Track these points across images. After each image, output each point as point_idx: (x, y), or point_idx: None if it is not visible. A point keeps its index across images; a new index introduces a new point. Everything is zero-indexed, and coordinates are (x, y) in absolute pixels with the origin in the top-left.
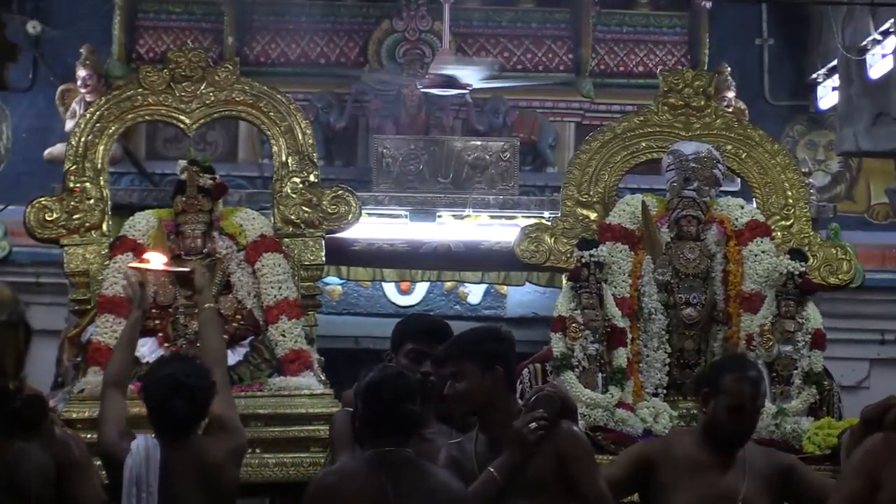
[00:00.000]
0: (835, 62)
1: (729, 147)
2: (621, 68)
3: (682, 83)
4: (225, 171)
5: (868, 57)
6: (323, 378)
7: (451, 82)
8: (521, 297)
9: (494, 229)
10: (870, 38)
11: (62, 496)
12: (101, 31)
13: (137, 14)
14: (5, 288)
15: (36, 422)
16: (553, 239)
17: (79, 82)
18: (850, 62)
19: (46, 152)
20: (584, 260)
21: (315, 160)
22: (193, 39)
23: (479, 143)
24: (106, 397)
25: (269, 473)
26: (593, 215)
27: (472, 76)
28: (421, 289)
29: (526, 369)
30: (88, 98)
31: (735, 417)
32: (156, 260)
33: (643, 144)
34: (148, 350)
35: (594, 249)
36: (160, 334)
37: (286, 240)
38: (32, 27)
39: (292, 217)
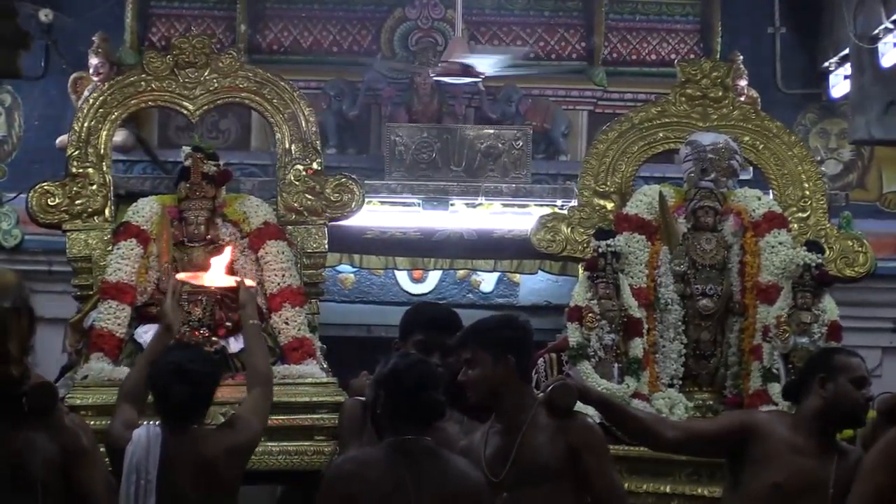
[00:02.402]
0: (847, 51)
1: (746, 138)
2: (634, 56)
3: (699, 74)
4: (237, 159)
5: (880, 45)
6: (325, 366)
7: (465, 70)
8: (534, 285)
9: (507, 217)
10: (882, 27)
11: (70, 484)
12: (114, 18)
13: (150, 2)
14: (9, 273)
15: (43, 410)
16: (570, 228)
17: (91, 70)
18: (861, 51)
19: (58, 140)
20: (600, 250)
21: (318, 148)
22: (206, 27)
23: (491, 131)
24: (117, 410)
25: (273, 462)
26: (610, 205)
27: (503, 61)
28: (433, 277)
29: (541, 359)
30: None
31: (861, 388)
32: (213, 272)
33: (660, 135)
34: (151, 336)
35: (611, 239)
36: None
37: (289, 227)
38: (45, 15)
39: (295, 204)
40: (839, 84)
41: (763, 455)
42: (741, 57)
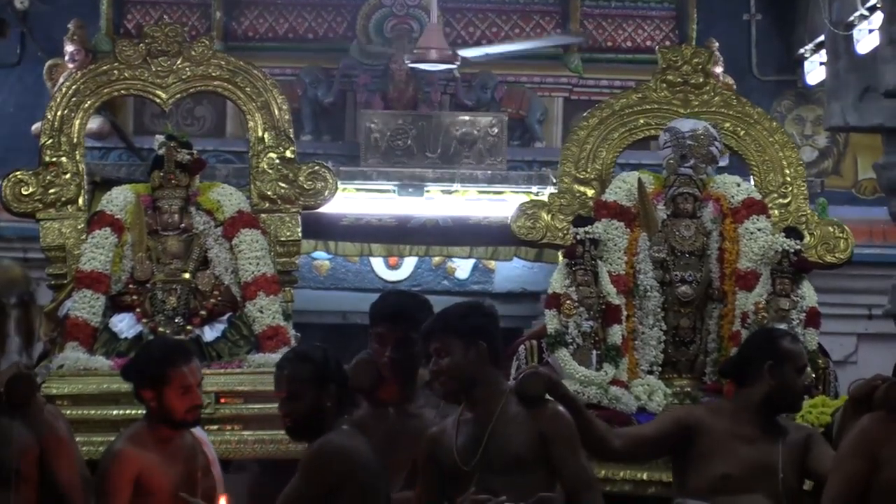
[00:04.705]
0: (822, 37)
1: (727, 124)
2: (609, 43)
3: (680, 60)
4: (213, 146)
5: (855, 32)
6: None
7: (440, 57)
8: (509, 271)
9: (482, 204)
10: (857, 14)
11: (45, 474)
12: (89, 6)
13: None
14: (16, 266)
15: (22, 400)
16: (550, 216)
17: (66, 57)
18: (837, 37)
19: (34, 128)
20: (579, 237)
21: (291, 136)
22: (181, 14)
23: (467, 118)
24: None
25: (248, 450)
26: (590, 192)
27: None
28: (409, 264)
29: (522, 346)
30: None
31: (802, 377)
32: None
33: (641, 121)
34: (126, 325)
35: (590, 226)
36: (138, 310)
37: (263, 216)
38: (20, 2)
39: (269, 193)
40: (814, 71)
41: (708, 449)
42: (717, 44)
